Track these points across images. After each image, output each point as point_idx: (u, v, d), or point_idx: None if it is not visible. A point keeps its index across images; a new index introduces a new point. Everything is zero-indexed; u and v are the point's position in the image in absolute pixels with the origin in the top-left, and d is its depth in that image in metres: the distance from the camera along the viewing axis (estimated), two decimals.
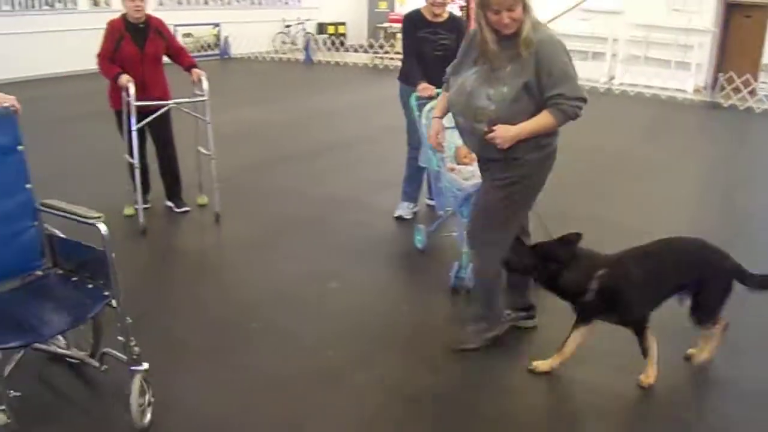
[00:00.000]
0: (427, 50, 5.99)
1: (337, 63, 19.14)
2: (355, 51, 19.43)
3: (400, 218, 6.50)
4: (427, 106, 5.37)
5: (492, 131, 3.74)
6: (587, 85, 14.65)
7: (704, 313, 3.94)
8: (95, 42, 6.08)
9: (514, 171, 3.89)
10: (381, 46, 18.70)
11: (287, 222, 6.42)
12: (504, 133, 3.73)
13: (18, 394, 3.07)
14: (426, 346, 4.22)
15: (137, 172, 6.02)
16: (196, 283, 5.15)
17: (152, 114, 5.99)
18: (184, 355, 4.11)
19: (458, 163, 5.43)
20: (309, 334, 4.37)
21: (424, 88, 5.68)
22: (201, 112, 6.23)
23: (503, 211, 3.99)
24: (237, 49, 20.34)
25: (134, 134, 5.91)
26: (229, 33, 20.29)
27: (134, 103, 5.76)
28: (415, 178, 6.51)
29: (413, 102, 5.58)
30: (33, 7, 15.65)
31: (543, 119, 3.72)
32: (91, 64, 6.21)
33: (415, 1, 21.74)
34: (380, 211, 6.59)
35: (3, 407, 2.88)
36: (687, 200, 7.49)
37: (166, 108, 6.08)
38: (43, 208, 3.48)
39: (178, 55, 6.32)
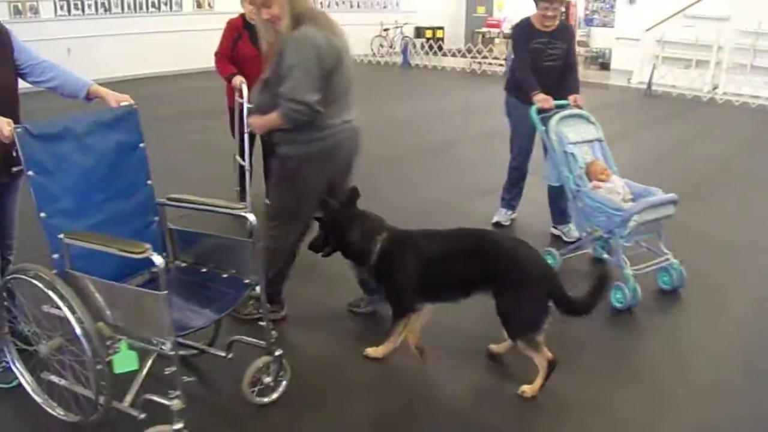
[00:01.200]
0: (538, 60, 5.78)
1: (434, 67, 19.18)
2: (453, 55, 19.37)
3: (498, 224, 6.48)
4: (553, 119, 5.32)
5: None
6: (689, 95, 14.31)
7: (510, 323, 3.74)
8: (198, 42, 6.21)
9: (284, 166, 4.20)
10: (479, 51, 18.62)
11: None
12: (254, 121, 4.23)
13: (192, 378, 3.19)
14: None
15: (247, 174, 6.14)
16: (299, 280, 5.19)
17: None
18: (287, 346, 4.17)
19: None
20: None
21: (544, 99, 5.53)
22: None
23: (278, 204, 4.30)
24: None
25: (246, 136, 6.02)
26: None
27: (247, 105, 5.78)
28: (515, 186, 6.45)
29: (534, 115, 5.53)
30: (141, 9, 16.18)
31: (273, 115, 3.97)
32: (195, 63, 6.34)
33: (514, 5, 21.71)
34: (478, 219, 6.53)
35: (178, 392, 2.98)
36: None
37: None
38: (170, 202, 3.65)
39: None
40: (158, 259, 2.84)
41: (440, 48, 20.18)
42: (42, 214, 3.10)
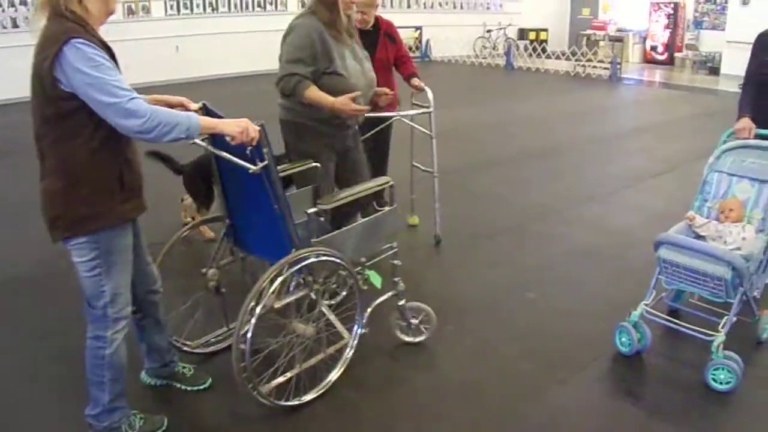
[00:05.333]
0: None
1: (537, 69, 18.93)
2: (557, 58, 19.07)
3: None
4: (729, 144, 4.48)
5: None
6: None
7: None
8: None
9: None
10: (584, 54, 18.29)
11: (488, 227, 6.40)
12: None
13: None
14: (627, 373, 4.03)
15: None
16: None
17: (378, 125, 5.53)
18: (384, 349, 4.19)
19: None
20: (502, 343, 4.32)
21: (743, 128, 4.62)
22: (423, 125, 5.84)
23: None
24: (437, 53, 20.58)
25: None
26: (430, 36, 20.55)
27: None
28: None
29: (723, 138, 4.66)
30: (247, 8, 16.59)
31: None
32: None
33: (620, 7, 21.25)
34: (583, 225, 6.41)
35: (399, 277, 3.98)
36: None
37: (392, 119, 5.61)
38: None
39: (402, 62, 5.83)
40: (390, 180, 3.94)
41: (544, 50, 19.89)
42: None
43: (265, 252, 3.73)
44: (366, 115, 5.23)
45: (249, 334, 3.18)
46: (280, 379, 3.51)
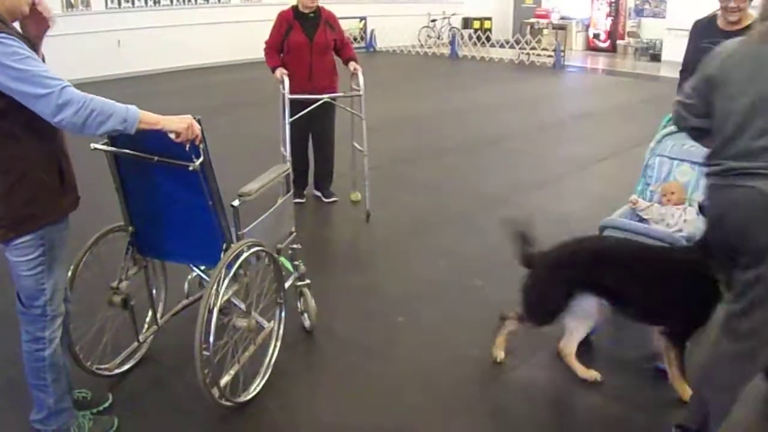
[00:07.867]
0: None
1: (482, 58, 19.02)
2: (501, 46, 19.15)
3: None
4: (660, 134, 4.60)
5: None
6: None
7: None
8: (246, 34, 6.18)
9: None
10: (528, 42, 18.41)
11: (434, 217, 6.41)
12: None
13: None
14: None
15: (289, 164, 5.99)
16: (345, 274, 5.19)
17: (308, 106, 6.04)
18: (331, 344, 4.20)
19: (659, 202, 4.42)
20: (453, 331, 4.35)
21: None
22: (356, 108, 6.31)
23: None
24: (382, 43, 20.56)
25: (288, 126, 6.01)
26: (375, 26, 20.52)
27: (288, 96, 5.93)
28: None
29: (663, 122, 4.71)
30: (189, 1, 16.46)
31: None
32: (242, 55, 6.30)
33: None
34: (528, 211, 6.44)
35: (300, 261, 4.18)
36: None
37: (321, 101, 6.06)
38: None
39: (342, 47, 6.42)
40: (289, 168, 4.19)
41: (488, 39, 19.98)
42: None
43: (188, 254, 3.64)
44: (297, 96, 5.95)
45: (212, 339, 3.09)
46: (227, 378, 3.39)
